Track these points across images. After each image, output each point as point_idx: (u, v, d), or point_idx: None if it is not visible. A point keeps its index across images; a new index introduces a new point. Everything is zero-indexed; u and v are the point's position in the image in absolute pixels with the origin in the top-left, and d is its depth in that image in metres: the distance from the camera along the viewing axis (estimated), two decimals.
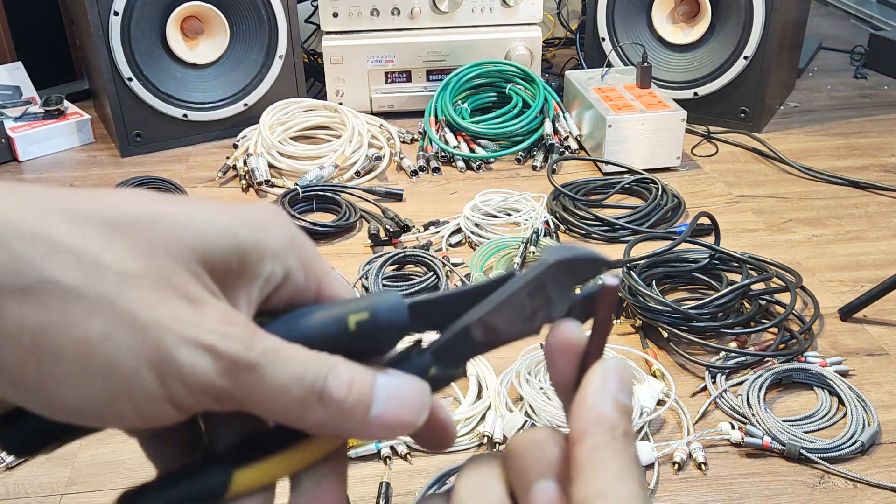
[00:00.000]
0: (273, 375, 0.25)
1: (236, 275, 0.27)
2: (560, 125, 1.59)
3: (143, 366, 0.23)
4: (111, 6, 1.50)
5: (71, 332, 0.23)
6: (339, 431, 0.26)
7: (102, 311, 0.23)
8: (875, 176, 1.48)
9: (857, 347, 1.02)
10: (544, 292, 0.29)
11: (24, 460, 0.87)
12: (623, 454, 0.27)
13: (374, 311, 0.28)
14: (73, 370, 0.23)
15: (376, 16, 1.70)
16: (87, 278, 0.23)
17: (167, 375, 0.24)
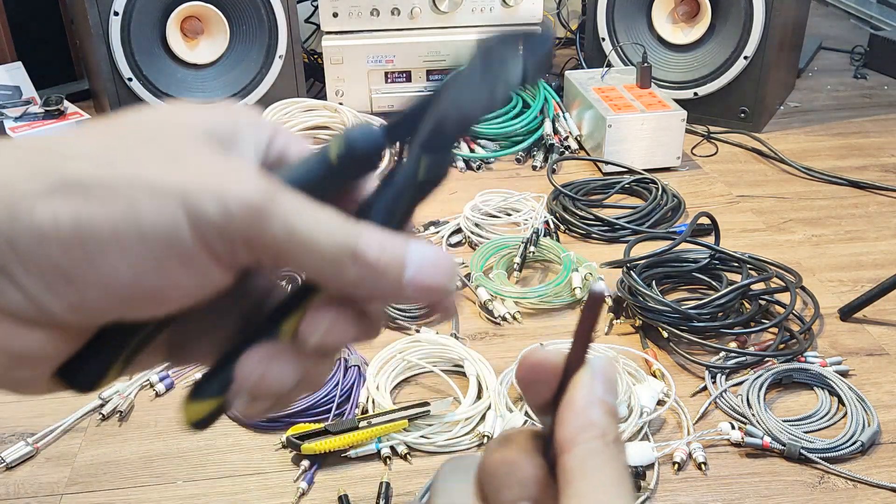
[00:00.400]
0: (302, 227, 0.25)
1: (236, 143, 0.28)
2: (560, 125, 1.59)
3: (175, 223, 0.24)
4: (111, 6, 1.50)
5: (101, 215, 0.24)
6: (375, 293, 0.27)
7: (123, 189, 0.24)
8: (875, 176, 1.48)
9: (857, 347, 1.02)
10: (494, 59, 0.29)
11: (24, 460, 0.87)
12: (615, 461, 0.26)
13: (348, 139, 0.29)
14: (113, 246, 0.24)
15: (376, 16, 1.70)
16: (102, 169, 0.24)
17: (200, 227, 0.24)
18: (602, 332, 1.05)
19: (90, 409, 0.94)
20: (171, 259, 0.25)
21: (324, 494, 0.82)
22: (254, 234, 0.25)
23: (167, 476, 0.85)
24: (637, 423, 0.87)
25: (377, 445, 0.86)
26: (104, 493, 0.83)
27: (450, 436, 0.88)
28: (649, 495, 0.81)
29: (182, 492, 0.83)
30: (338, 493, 0.82)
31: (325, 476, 0.84)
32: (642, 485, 0.81)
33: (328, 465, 0.86)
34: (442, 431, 0.88)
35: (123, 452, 0.88)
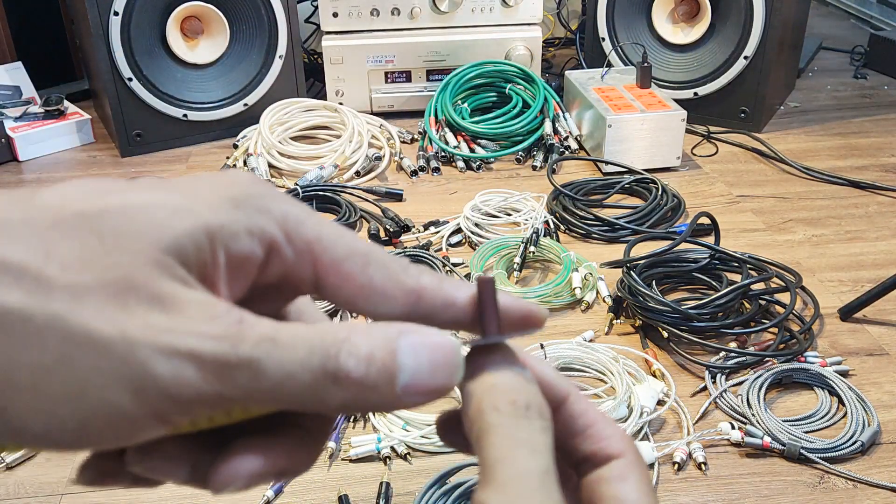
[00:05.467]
0: (274, 368, 0.22)
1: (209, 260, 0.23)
2: (560, 125, 1.59)
3: (114, 385, 0.21)
4: (111, 6, 1.50)
5: (22, 359, 0.20)
6: (368, 408, 0.24)
7: (55, 333, 0.20)
8: (875, 176, 1.48)
9: (857, 347, 1.02)
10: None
11: (24, 460, 0.87)
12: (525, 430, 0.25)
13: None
14: (32, 397, 0.20)
15: (376, 16, 1.70)
16: (31, 297, 0.20)
17: (145, 392, 0.21)
18: (602, 332, 1.05)
19: None
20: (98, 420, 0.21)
21: (324, 494, 0.82)
22: (214, 393, 0.21)
23: None
24: (637, 423, 0.87)
25: (377, 447, 0.86)
26: (104, 493, 0.83)
27: None
28: None
29: (182, 492, 0.83)
30: (338, 493, 0.82)
31: (325, 476, 0.84)
32: None
33: (328, 465, 0.86)
34: None
35: None
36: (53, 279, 0.21)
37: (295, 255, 0.25)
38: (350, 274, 0.26)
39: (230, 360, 0.22)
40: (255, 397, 0.22)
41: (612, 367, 0.95)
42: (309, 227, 0.26)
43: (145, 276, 0.22)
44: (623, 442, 0.28)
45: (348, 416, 0.91)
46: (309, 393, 0.22)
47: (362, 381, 0.23)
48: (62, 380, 0.20)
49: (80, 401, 0.21)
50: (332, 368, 0.22)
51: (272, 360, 0.22)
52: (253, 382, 0.22)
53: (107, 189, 0.23)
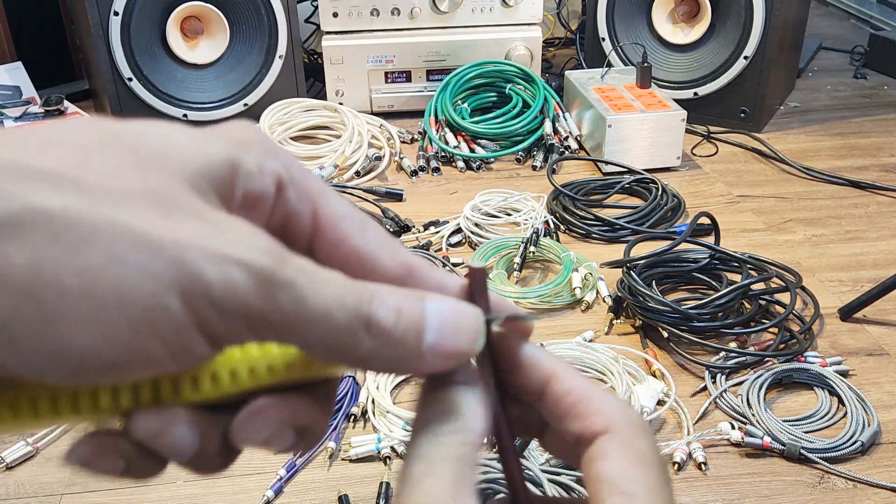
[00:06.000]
0: (313, 297, 0.22)
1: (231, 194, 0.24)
2: (560, 125, 1.59)
3: (164, 289, 0.20)
4: (111, 6, 1.50)
5: (69, 262, 0.19)
6: (392, 365, 0.23)
7: (102, 233, 0.20)
8: (875, 176, 1.48)
9: (857, 347, 1.02)
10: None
11: (24, 460, 0.87)
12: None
13: None
14: (82, 303, 0.19)
15: (376, 16, 1.70)
16: (75, 201, 0.20)
17: (194, 297, 0.20)
18: (602, 332, 1.05)
19: None
20: (149, 331, 0.20)
21: (324, 494, 0.82)
22: (258, 309, 0.21)
23: (167, 476, 0.85)
24: None
25: (377, 447, 0.86)
26: (104, 493, 0.83)
27: None
28: None
29: (182, 492, 0.83)
30: (338, 493, 0.82)
31: (325, 476, 0.84)
32: None
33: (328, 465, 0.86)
34: None
35: None
36: (95, 185, 0.20)
37: (297, 200, 0.25)
38: (346, 233, 0.26)
39: (277, 276, 0.21)
40: (293, 325, 0.22)
41: (612, 367, 0.95)
42: (311, 180, 0.26)
43: (184, 194, 0.22)
44: (609, 416, 0.27)
45: (348, 416, 0.91)
46: (342, 335, 0.22)
47: (391, 332, 0.23)
48: (112, 282, 0.20)
49: (131, 305, 0.20)
50: (364, 313, 0.22)
51: (312, 290, 0.22)
52: (294, 306, 0.22)
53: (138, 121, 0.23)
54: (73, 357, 0.20)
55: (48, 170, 0.20)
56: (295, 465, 0.85)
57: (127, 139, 0.22)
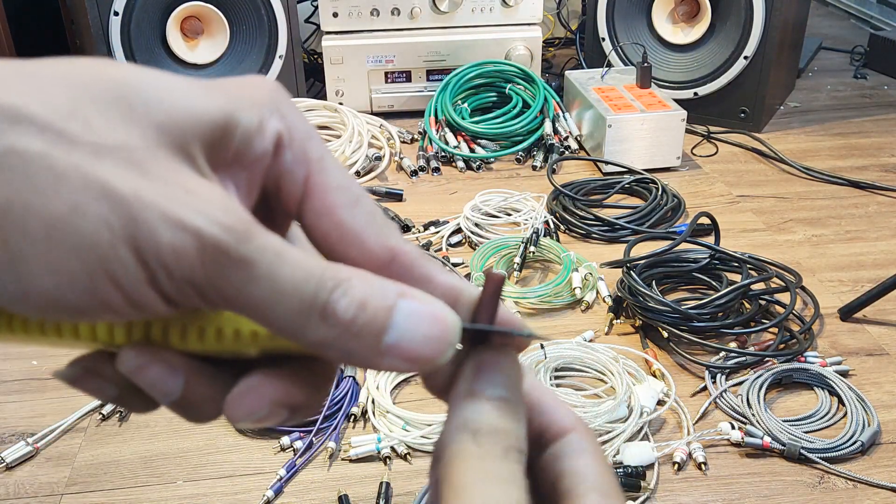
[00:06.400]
0: (267, 278, 0.21)
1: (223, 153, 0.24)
2: (560, 125, 1.59)
3: (120, 241, 0.20)
4: (111, 6, 1.50)
5: (37, 205, 0.20)
6: (345, 356, 0.23)
7: (71, 181, 0.20)
8: (875, 176, 1.48)
9: (857, 347, 1.02)
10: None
11: (24, 460, 0.87)
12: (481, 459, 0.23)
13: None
14: (44, 248, 0.20)
15: (376, 16, 1.70)
16: (54, 147, 0.20)
17: (147, 255, 0.21)
18: (602, 332, 1.05)
19: (90, 409, 0.94)
20: (104, 276, 0.21)
21: (324, 494, 0.82)
22: (204, 280, 0.21)
23: (167, 476, 0.85)
24: (637, 423, 0.87)
25: (377, 447, 0.86)
26: (104, 493, 0.83)
27: None
28: (649, 495, 0.81)
29: (182, 492, 0.83)
30: (338, 493, 0.82)
31: (325, 476, 0.84)
32: (642, 485, 0.81)
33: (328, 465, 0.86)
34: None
35: (123, 452, 0.88)
36: (77, 135, 0.21)
37: (292, 163, 0.25)
38: (335, 206, 0.25)
39: (230, 253, 0.21)
40: (242, 302, 0.22)
41: (612, 367, 0.95)
42: (313, 144, 0.25)
43: (163, 153, 0.22)
44: (573, 416, 0.27)
45: (348, 416, 0.91)
46: (293, 318, 0.22)
47: (348, 325, 0.22)
48: (74, 230, 0.20)
49: (88, 253, 0.20)
50: (322, 301, 0.22)
51: (268, 271, 0.21)
52: (244, 285, 0.21)
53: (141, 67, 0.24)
54: (38, 297, 0.21)
55: (38, 116, 0.21)
56: (295, 465, 0.85)
57: (124, 90, 0.22)
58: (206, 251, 0.21)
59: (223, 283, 0.21)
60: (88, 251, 0.20)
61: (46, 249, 0.20)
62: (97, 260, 0.21)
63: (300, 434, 0.88)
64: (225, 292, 0.21)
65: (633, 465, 0.82)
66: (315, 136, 0.26)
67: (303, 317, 0.22)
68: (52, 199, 0.20)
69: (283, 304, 0.22)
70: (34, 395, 0.97)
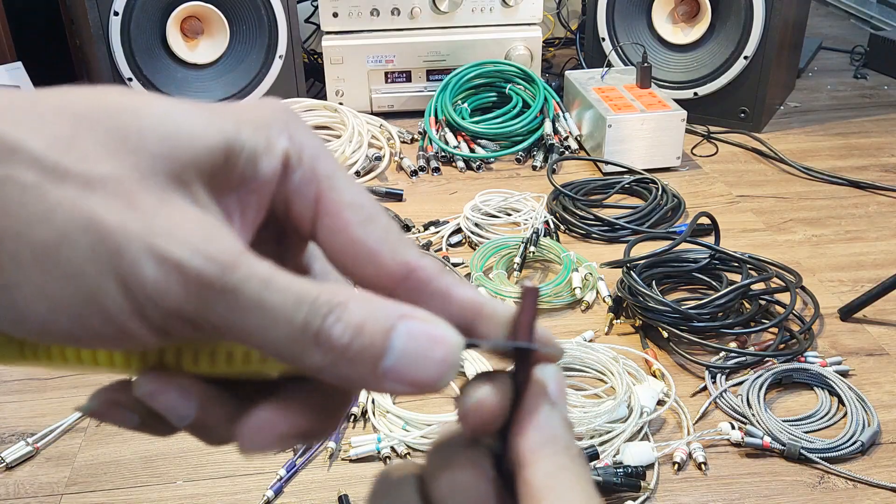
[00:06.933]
0: (255, 307, 0.21)
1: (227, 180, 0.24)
2: (560, 125, 1.59)
3: (106, 274, 0.21)
4: (111, 6, 1.50)
5: (29, 234, 0.21)
6: (343, 381, 0.22)
7: (61, 213, 0.21)
8: (875, 176, 1.48)
9: (857, 347, 1.02)
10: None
11: (24, 460, 0.87)
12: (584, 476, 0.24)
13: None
14: (36, 275, 0.21)
15: (376, 16, 1.70)
16: (46, 179, 0.21)
17: (132, 289, 0.21)
18: (602, 332, 1.05)
19: None
20: (93, 307, 0.21)
21: (324, 494, 0.82)
22: (191, 313, 0.21)
23: (167, 476, 0.85)
24: (637, 423, 0.87)
25: (377, 447, 0.86)
26: (104, 493, 0.83)
27: None
28: (649, 495, 0.81)
29: (182, 492, 0.83)
30: (338, 493, 0.82)
31: (325, 476, 0.85)
32: (642, 485, 0.81)
33: (328, 465, 0.86)
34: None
35: (123, 452, 0.88)
36: (69, 167, 0.21)
37: (301, 182, 0.25)
38: (348, 223, 0.25)
39: (213, 284, 0.21)
40: (233, 331, 0.22)
41: (612, 367, 0.95)
42: (323, 162, 0.25)
43: (159, 182, 0.22)
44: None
45: (348, 416, 0.91)
46: (287, 344, 0.22)
47: (344, 351, 0.22)
48: (63, 260, 0.21)
49: (78, 283, 0.21)
50: (315, 328, 0.22)
51: (256, 299, 0.21)
52: (231, 315, 0.21)
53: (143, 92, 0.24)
54: (33, 322, 0.21)
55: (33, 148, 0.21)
56: (295, 465, 0.85)
57: (122, 119, 0.22)
58: (190, 284, 0.21)
59: (210, 315, 0.21)
60: (77, 281, 0.21)
61: (38, 276, 0.21)
62: (85, 291, 0.21)
63: None
64: (214, 323, 0.21)
65: (633, 465, 0.82)
66: (325, 155, 0.25)
67: (296, 343, 0.22)
68: (44, 229, 0.21)
69: (274, 331, 0.22)
70: (34, 395, 0.97)
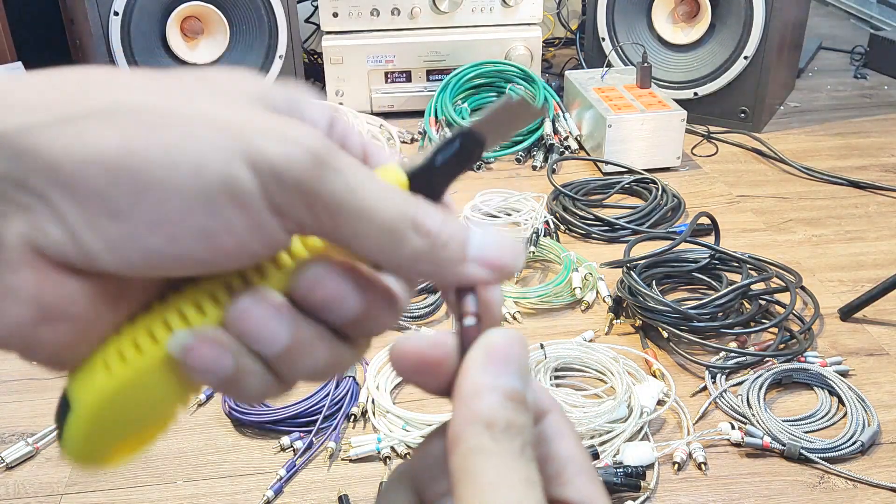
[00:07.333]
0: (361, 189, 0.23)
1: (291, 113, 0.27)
2: (560, 125, 1.59)
3: (235, 159, 0.22)
4: (111, 6, 1.50)
5: (153, 139, 0.22)
6: (436, 268, 0.25)
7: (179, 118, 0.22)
8: (875, 176, 1.48)
9: (857, 347, 1.02)
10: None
11: (24, 460, 0.87)
12: (500, 456, 0.23)
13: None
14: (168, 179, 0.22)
15: (376, 16, 1.70)
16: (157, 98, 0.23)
17: (260, 167, 0.22)
18: (602, 332, 1.05)
19: None
20: (227, 198, 0.22)
21: (324, 494, 0.82)
22: (313, 187, 0.23)
23: (167, 476, 0.85)
24: (637, 423, 0.87)
25: (377, 447, 0.86)
26: (104, 493, 0.83)
27: None
28: (649, 495, 0.81)
29: (182, 492, 0.83)
30: (338, 493, 0.82)
31: (325, 476, 0.84)
32: (642, 485, 0.81)
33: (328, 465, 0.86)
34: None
35: None
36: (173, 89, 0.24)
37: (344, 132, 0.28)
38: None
39: (331, 160, 0.23)
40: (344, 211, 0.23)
41: (612, 367, 0.95)
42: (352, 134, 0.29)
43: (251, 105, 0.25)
44: (549, 396, 0.27)
45: (348, 416, 0.91)
46: (387, 232, 0.24)
47: (438, 234, 0.24)
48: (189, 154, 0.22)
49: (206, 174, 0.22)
50: (412, 213, 0.24)
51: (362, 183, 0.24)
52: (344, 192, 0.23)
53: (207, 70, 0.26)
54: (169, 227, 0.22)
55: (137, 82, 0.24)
56: (295, 465, 0.85)
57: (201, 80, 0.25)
58: (312, 157, 0.23)
59: (328, 190, 0.23)
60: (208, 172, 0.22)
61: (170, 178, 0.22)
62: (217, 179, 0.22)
63: (300, 434, 0.88)
64: (329, 200, 0.23)
65: (633, 465, 0.82)
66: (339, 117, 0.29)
67: (397, 229, 0.24)
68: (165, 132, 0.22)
69: (380, 215, 0.24)
70: (34, 395, 0.97)
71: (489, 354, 0.25)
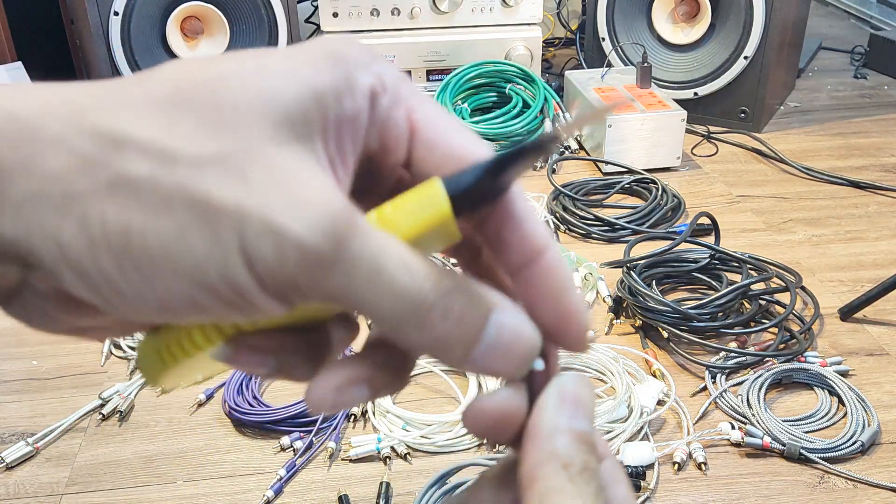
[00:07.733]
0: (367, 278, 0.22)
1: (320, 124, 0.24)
2: (560, 125, 1.59)
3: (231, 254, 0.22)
4: (111, 6, 1.50)
5: (152, 230, 0.21)
6: (431, 356, 0.24)
7: (179, 201, 0.21)
8: (875, 176, 1.48)
9: (857, 347, 1.02)
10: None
11: (24, 460, 0.87)
12: (579, 497, 0.23)
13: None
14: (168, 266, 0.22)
15: (376, 16, 1.70)
16: (158, 167, 0.21)
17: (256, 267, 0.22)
18: (602, 332, 1.05)
19: (90, 409, 0.93)
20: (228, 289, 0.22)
21: (324, 494, 0.82)
22: (309, 286, 0.22)
23: (167, 476, 0.85)
24: (637, 423, 0.87)
25: (377, 447, 0.86)
26: (104, 493, 0.83)
27: (450, 436, 0.88)
28: (649, 495, 0.81)
29: (182, 492, 0.83)
30: (338, 493, 0.82)
31: (325, 476, 0.84)
32: (642, 485, 0.81)
33: (328, 465, 0.86)
34: (442, 432, 0.88)
35: (123, 452, 0.88)
36: (177, 151, 0.22)
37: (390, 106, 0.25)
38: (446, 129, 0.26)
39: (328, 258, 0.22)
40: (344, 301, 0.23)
41: (612, 367, 0.95)
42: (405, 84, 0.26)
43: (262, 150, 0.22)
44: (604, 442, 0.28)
45: (348, 416, 0.91)
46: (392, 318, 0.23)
47: (444, 339, 0.23)
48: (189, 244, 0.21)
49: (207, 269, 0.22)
50: (422, 316, 0.23)
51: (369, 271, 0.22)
52: (345, 284, 0.22)
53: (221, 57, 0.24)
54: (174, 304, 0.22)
55: (139, 137, 0.22)
56: (295, 465, 0.85)
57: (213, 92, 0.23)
58: (308, 259, 0.22)
59: (328, 287, 0.22)
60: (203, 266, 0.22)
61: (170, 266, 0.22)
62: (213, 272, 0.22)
63: (300, 434, 0.88)
64: (329, 293, 0.22)
65: (633, 465, 0.82)
66: (406, 78, 0.26)
67: (402, 321, 0.23)
68: (164, 220, 0.21)
69: (383, 305, 0.22)
70: (34, 395, 0.97)
71: (563, 397, 0.25)
